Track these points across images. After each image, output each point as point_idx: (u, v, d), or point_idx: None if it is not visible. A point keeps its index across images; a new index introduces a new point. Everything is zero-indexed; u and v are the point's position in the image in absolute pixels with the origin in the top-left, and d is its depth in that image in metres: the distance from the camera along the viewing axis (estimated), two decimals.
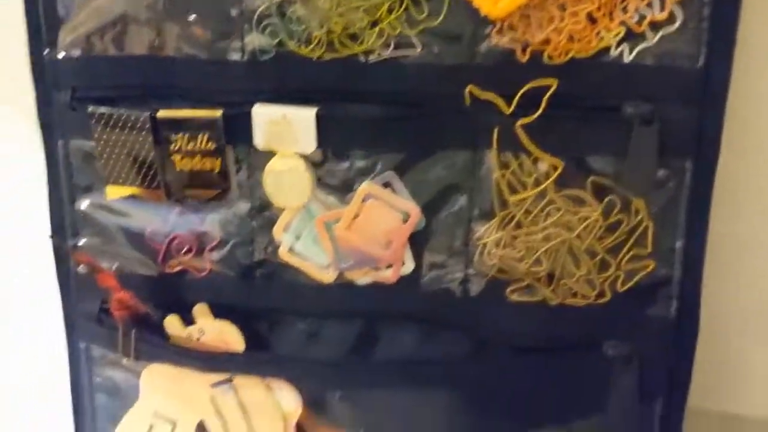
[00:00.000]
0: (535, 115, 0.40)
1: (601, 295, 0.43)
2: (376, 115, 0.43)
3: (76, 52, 0.45)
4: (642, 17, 0.39)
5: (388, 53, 0.42)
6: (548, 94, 0.40)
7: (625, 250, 0.42)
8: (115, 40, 0.45)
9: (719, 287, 0.46)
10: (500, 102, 0.41)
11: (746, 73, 0.41)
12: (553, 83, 0.40)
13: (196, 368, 0.47)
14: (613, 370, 0.43)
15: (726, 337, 0.49)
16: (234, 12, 0.43)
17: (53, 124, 0.47)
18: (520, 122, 0.41)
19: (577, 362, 0.44)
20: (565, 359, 0.45)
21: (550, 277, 0.43)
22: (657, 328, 0.44)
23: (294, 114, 0.43)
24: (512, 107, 0.40)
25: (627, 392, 0.44)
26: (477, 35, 0.41)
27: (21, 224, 0.55)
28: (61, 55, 0.46)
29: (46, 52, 0.46)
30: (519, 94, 0.40)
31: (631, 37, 0.40)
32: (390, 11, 0.41)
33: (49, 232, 0.49)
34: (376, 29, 0.42)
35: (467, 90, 0.41)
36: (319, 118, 0.43)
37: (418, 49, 0.42)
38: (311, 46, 0.43)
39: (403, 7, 0.41)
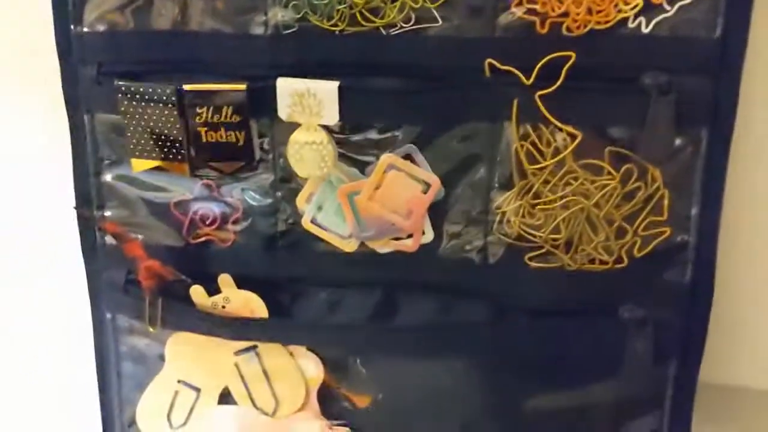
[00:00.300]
0: (554, 87, 0.41)
1: (618, 260, 0.44)
2: (398, 88, 0.44)
3: (102, 27, 0.46)
4: None
5: (409, 26, 0.43)
6: (567, 66, 0.41)
7: (641, 217, 0.43)
8: (139, 16, 0.45)
9: (733, 253, 0.48)
10: (520, 74, 0.42)
11: (764, 43, 0.42)
12: (572, 55, 0.41)
13: (221, 336, 0.49)
14: (629, 334, 0.45)
15: (738, 306, 0.50)
16: None
17: (79, 99, 0.48)
18: (539, 93, 0.42)
19: (594, 326, 0.46)
20: (582, 323, 0.46)
21: (568, 244, 0.45)
22: (672, 293, 0.45)
23: (318, 87, 0.44)
24: (532, 79, 0.42)
25: (641, 355, 0.45)
26: (497, 8, 0.42)
27: (46, 197, 0.56)
28: (86, 30, 0.46)
29: (72, 27, 0.46)
30: (538, 66, 0.41)
31: (648, 8, 0.40)
32: None
33: (73, 204, 0.51)
34: (398, 3, 0.43)
35: (487, 62, 0.42)
36: (342, 91, 0.44)
37: (439, 23, 0.43)
38: (334, 20, 0.44)
39: None
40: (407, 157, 0.45)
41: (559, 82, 0.41)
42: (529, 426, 0.49)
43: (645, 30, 0.41)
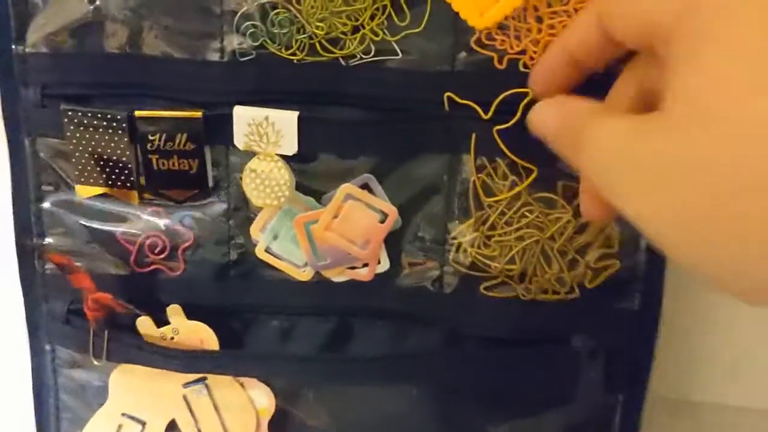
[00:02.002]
0: (512, 122, 0.42)
1: (570, 291, 0.45)
2: (356, 119, 0.44)
3: (47, 48, 0.44)
4: None
5: (368, 58, 0.43)
6: (524, 102, 0.42)
7: (593, 249, 0.45)
8: (88, 37, 0.44)
9: (681, 281, 0.50)
10: (478, 108, 0.43)
11: None
12: (529, 91, 0.42)
13: (170, 368, 0.47)
14: (581, 363, 0.46)
15: (686, 327, 0.52)
16: (213, 12, 0.43)
17: (19, 121, 0.46)
18: (496, 128, 0.43)
19: (547, 354, 0.46)
20: (536, 352, 0.47)
21: (523, 274, 0.45)
22: (622, 322, 0.46)
23: (277, 116, 0.43)
24: (490, 113, 0.42)
25: (593, 384, 0.46)
26: (457, 43, 0.42)
27: None
28: (29, 50, 0.44)
29: (13, 46, 0.44)
30: (496, 102, 0.42)
31: None
32: (372, 18, 0.43)
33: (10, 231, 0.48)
34: (358, 35, 0.43)
35: (446, 96, 0.43)
36: (301, 121, 0.43)
37: (399, 55, 0.43)
38: (292, 49, 0.43)
39: (386, 14, 0.42)
40: (364, 186, 0.45)
41: (516, 117, 0.42)
42: None
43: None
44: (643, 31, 0.32)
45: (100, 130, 0.44)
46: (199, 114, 0.43)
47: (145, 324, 0.47)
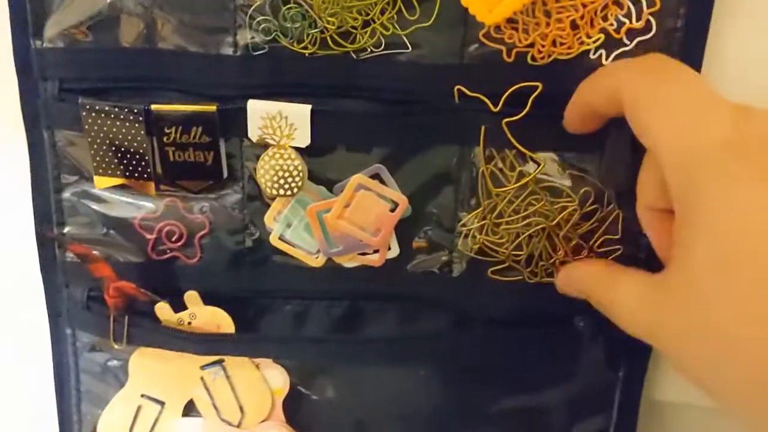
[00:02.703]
0: (520, 115, 0.43)
1: None
2: (368, 111, 0.45)
3: (64, 43, 0.45)
4: (620, 25, 0.42)
5: (379, 52, 0.44)
6: (534, 96, 0.43)
7: (597, 235, 0.46)
8: (104, 32, 0.44)
9: None
10: (487, 101, 0.43)
11: (714, 74, 0.45)
12: (539, 85, 0.43)
13: (188, 351, 0.49)
14: (583, 342, 0.48)
15: None
16: (226, 7, 0.44)
17: (38, 115, 0.46)
18: (505, 120, 0.44)
19: (550, 335, 0.48)
20: (539, 332, 0.49)
21: (529, 258, 0.47)
22: None
23: (290, 110, 0.44)
24: (499, 106, 0.43)
25: (594, 361, 0.48)
26: (466, 37, 0.43)
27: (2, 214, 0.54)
28: (47, 45, 0.45)
29: (31, 42, 0.45)
30: (506, 95, 0.43)
31: (609, 42, 0.43)
32: (383, 12, 0.43)
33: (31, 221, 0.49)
34: (369, 29, 0.44)
35: (456, 89, 0.44)
36: (313, 114, 0.44)
37: (409, 49, 0.44)
38: (304, 43, 0.44)
39: (396, 8, 0.43)
40: (375, 176, 0.47)
41: (525, 110, 0.43)
42: (489, 427, 0.52)
43: (605, 61, 0.43)
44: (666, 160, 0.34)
45: (117, 123, 0.45)
46: (213, 108, 0.44)
47: (163, 309, 0.49)
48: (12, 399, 0.59)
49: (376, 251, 0.48)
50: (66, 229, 0.49)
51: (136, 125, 0.45)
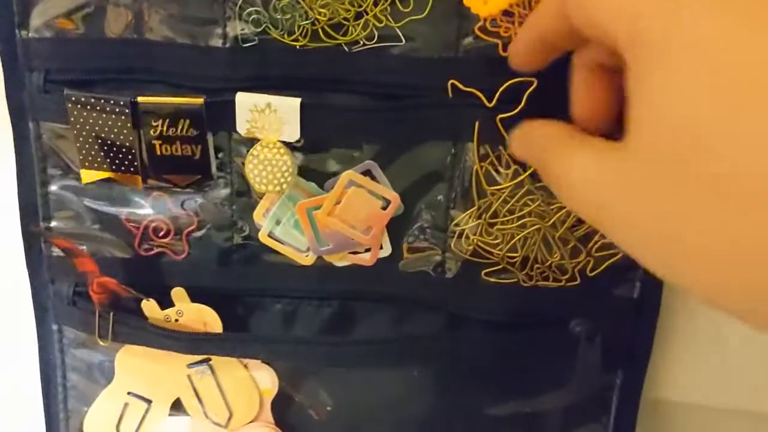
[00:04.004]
0: (515, 111, 0.42)
1: (572, 278, 0.46)
2: (359, 106, 0.44)
3: (50, 33, 0.44)
4: None
5: (371, 44, 0.43)
6: (529, 91, 0.41)
7: (595, 238, 0.45)
8: (90, 22, 0.43)
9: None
10: (482, 96, 0.42)
11: None
12: (534, 81, 0.41)
13: (174, 350, 0.48)
14: (579, 346, 0.46)
15: (682, 323, 0.52)
16: None
17: (24, 107, 0.46)
18: (499, 116, 0.42)
19: (546, 338, 0.47)
20: (535, 335, 0.47)
21: (524, 261, 0.46)
22: (621, 308, 0.47)
23: (279, 103, 0.43)
24: (494, 101, 0.42)
25: (590, 366, 0.47)
26: (460, 30, 0.42)
27: None
28: (33, 35, 0.44)
29: (17, 32, 0.44)
30: (500, 90, 0.42)
31: None
32: (375, 3, 0.42)
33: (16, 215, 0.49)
34: (361, 21, 0.43)
35: (450, 83, 0.42)
36: (303, 107, 0.43)
37: (402, 42, 0.43)
38: (295, 35, 0.43)
39: (389, 0, 0.42)
40: (367, 173, 0.45)
41: (520, 106, 0.42)
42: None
43: None
44: (605, 26, 0.29)
45: (104, 115, 0.44)
46: (200, 100, 0.43)
47: (149, 306, 0.48)
48: None
49: (367, 250, 0.47)
50: (52, 224, 0.48)
51: (123, 118, 0.44)
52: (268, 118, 0.44)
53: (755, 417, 0.53)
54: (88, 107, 0.44)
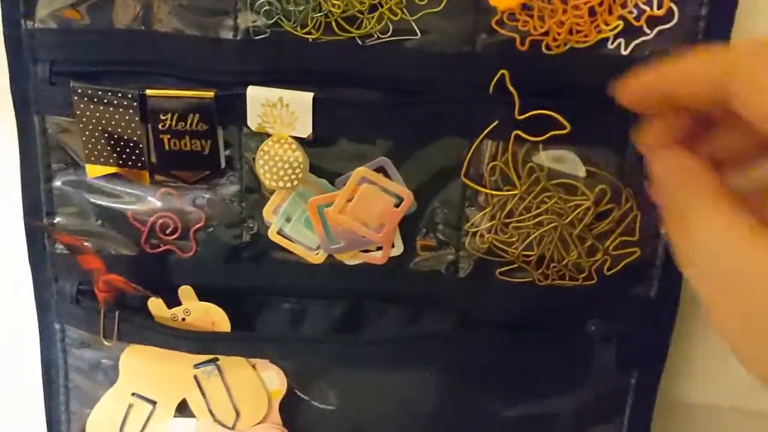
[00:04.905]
0: (535, 112, 0.41)
1: (588, 278, 0.45)
2: (373, 101, 0.43)
3: (56, 24, 0.43)
4: (641, 12, 0.40)
5: (386, 38, 0.42)
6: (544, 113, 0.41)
7: (613, 236, 0.44)
8: (98, 13, 0.42)
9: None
10: (515, 95, 0.41)
11: None
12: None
13: (181, 349, 0.46)
14: (595, 346, 0.46)
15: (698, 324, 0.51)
16: None
17: (29, 99, 0.44)
18: (519, 116, 0.41)
19: (561, 339, 0.46)
20: (550, 336, 0.46)
21: (540, 260, 0.45)
22: (638, 307, 0.46)
23: (291, 97, 0.42)
24: (516, 101, 0.41)
25: (607, 366, 0.46)
26: (478, 24, 0.41)
27: None
28: (39, 26, 0.43)
29: (22, 22, 0.43)
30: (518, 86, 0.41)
31: (628, 31, 0.41)
32: None
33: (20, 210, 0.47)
34: (376, 14, 0.42)
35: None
36: (316, 102, 0.42)
37: (417, 35, 0.42)
38: (308, 27, 0.42)
39: None
40: (380, 169, 0.45)
41: (539, 111, 0.41)
42: None
43: (624, 52, 0.41)
44: None
45: (111, 108, 0.43)
46: (211, 94, 0.42)
47: (156, 305, 0.47)
48: None
49: (379, 248, 0.46)
50: (56, 220, 0.47)
51: (130, 111, 0.43)
52: (280, 112, 0.43)
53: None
54: (95, 100, 0.43)
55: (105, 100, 0.43)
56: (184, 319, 0.47)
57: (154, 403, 0.50)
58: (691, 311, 0.49)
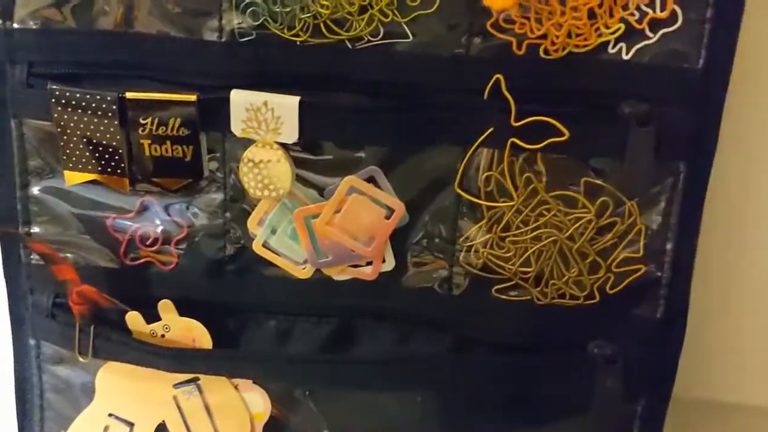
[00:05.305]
0: (532, 119, 0.39)
1: (590, 296, 0.42)
2: (362, 106, 0.41)
3: (35, 24, 0.42)
4: (643, 15, 0.38)
5: (376, 41, 0.40)
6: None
7: (616, 252, 0.42)
8: (79, 13, 0.41)
9: (704, 286, 0.47)
10: (511, 100, 0.39)
11: (745, 77, 0.42)
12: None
13: (160, 367, 0.45)
14: (598, 370, 0.43)
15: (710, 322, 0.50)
16: None
17: (5, 102, 0.43)
18: (513, 120, 0.39)
19: (562, 362, 0.44)
20: (549, 359, 0.44)
21: (538, 277, 0.43)
22: (644, 329, 0.44)
23: (276, 101, 0.40)
24: (512, 107, 0.39)
25: (610, 393, 0.43)
26: (472, 26, 0.40)
27: None
28: (17, 26, 0.42)
29: (0, 21, 0.42)
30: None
31: (630, 34, 0.39)
32: None
33: None
34: (366, 15, 0.40)
35: (493, 79, 0.39)
36: (302, 106, 0.41)
37: (409, 38, 0.40)
38: (295, 29, 0.40)
39: None
40: (370, 179, 0.43)
41: (537, 117, 0.39)
42: None
43: (626, 56, 0.39)
44: None
45: (89, 112, 0.41)
46: (193, 97, 0.41)
47: (134, 319, 0.45)
48: None
49: (369, 263, 0.44)
50: (33, 229, 0.45)
51: (109, 115, 0.41)
52: (265, 117, 0.41)
53: None
54: (73, 103, 0.41)
55: (83, 103, 0.41)
56: (163, 336, 0.45)
57: (131, 424, 0.48)
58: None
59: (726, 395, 0.52)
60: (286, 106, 0.41)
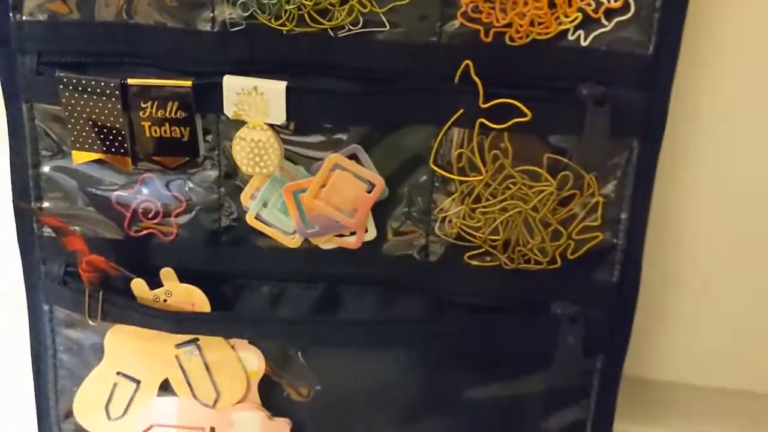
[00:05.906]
0: (498, 101, 0.43)
1: (552, 261, 0.46)
2: (345, 90, 0.45)
3: (43, 16, 0.45)
4: (598, 5, 0.42)
5: (356, 29, 0.44)
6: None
7: (576, 221, 0.45)
8: (83, 6, 0.44)
9: (660, 253, 0.50)
10: (479, 84, 0.42)
11: (691, 60, 0.45)
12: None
13: (162, 329, 0.48)
14: (561, 329, 0.47)
15: (664, 302, 0.53)
16: None
17: (17, 88, 0.47)
18: (483, 104, 0.43)
19: (528, 321, 0.48)
20: (518, 318, 0.48)
21: (506, 244, 0.46)
22: (601, 291, 0.47)
23: (265, 86, 0.44)
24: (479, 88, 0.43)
25: (572, 348, 0.47)
26: (444, 16, 0.43)
27: None
28: (26, 18, 0.45)
29: (11, 15, 0.45)
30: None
31: (587, 22, 0.42)
32: None
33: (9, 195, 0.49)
34: (346, 6, 0.43)
35: (463, 65, 0.42)
36: (289, 91, 0.44)
37: (387, 27, 0.43)
38: (282, 19, 0.44)
39: None
40: (352, 156, 0.46)
41: (501, 100, 0.42)
42: (465, 415, 0.51)
43: (584, 43, 0.42)
44: None
45: (95, 97, 0.45)
46: (188, 83, 0.44)
47: (138, 286, 0.49)
48: None
49: (353, 233, 0.48)
50: (44, 204, 0.49)
51: (113, 99, 0.45)
52: (255, 100, 0.44)
53: (731, 394, 0.54)
54: (80, 89, 0.45)
55: (89, 89, 0.45)
56: (165, 300, 0.49)
57: (138, 381, 0.52)
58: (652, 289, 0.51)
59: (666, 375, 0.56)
60: (275, 90, 0.44)
